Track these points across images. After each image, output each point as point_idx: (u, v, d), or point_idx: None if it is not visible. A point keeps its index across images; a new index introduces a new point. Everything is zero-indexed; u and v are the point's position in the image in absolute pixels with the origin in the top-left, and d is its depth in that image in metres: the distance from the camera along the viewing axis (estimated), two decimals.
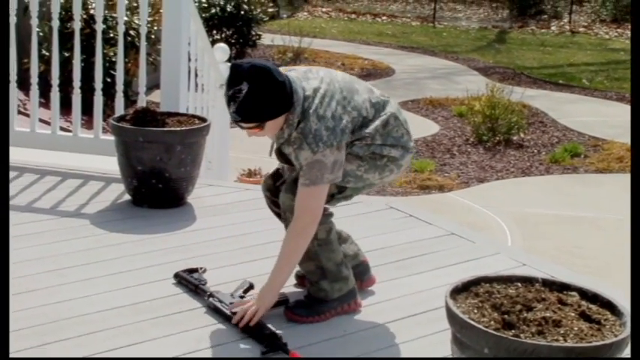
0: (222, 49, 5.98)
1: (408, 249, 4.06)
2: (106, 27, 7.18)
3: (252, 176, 7.37)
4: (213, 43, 6.04)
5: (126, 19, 6.08)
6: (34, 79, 5.23)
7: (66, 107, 5.62)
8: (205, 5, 13.04)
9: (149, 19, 6.94)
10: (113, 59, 7.78)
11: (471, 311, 2.48)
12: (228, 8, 13.71)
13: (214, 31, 13.19)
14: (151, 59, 8.70)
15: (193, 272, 3.56)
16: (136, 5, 8.53)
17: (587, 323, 2.44)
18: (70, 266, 3.70)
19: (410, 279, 3.73)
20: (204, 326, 3.20)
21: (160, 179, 4.41)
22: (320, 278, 3.30)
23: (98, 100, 5.21)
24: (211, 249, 3.97)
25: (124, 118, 4.58)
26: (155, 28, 8.93)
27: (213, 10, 13.42)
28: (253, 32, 14.46)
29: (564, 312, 2.47)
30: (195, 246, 4.00)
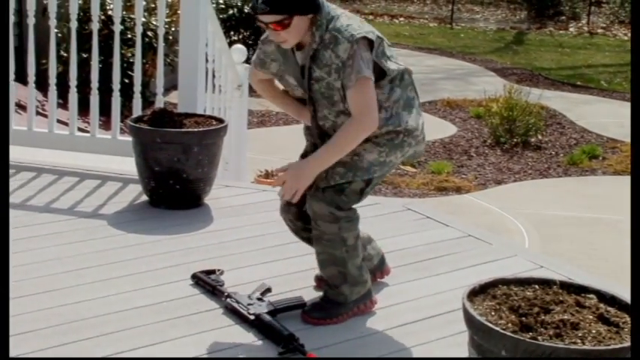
0: (240, 51, 5.99)
1: (425, 251, 4.06)
2: (123, 28, 7.22)
3: (269, 177, 7.36)
4: (231, 44, 6.03)
5: (144, 20, 6.11)
6: (52, 80, 5.25)
7: (84, 108, 5.65)
8: (223, 6, 13.05)
9: (167, 20, 6.97)
10: (131, 60, 7.80)
11: (488, 313, 2.47)
12: (246, 9, 13.72)
13: (232, 33, 13.18)
14: (169, 60, 8.73)
15: (211, 274, 3.58)
16: (153, 6, 8.56)
17: (606, 326, 2.43)
18: (88, 267, 3.72)
19: (427, 281, 3.73)
20: (222, 327, 3.21)
21: (178, 180, 4.42)
22: (342, 283, 3.28)
23: (116, 101, 5.24)
24: (229, 250, 3.97)
25: (141, 119, 4.59)
26: (173, 29, 8.94)
27: (230, 11, 13.42)
28: None
29: (582, 314, 2.47)
30: (212, 247, 4.01)
